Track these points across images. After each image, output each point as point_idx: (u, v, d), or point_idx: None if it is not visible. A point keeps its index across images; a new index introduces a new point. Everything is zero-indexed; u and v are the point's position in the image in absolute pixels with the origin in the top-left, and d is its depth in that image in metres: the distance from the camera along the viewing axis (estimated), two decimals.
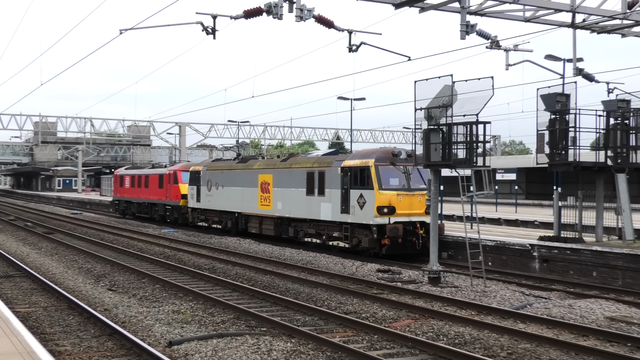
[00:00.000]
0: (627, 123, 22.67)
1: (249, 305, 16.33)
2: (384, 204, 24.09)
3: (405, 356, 12.00)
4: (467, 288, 18.88)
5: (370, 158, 25.18)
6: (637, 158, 22.84)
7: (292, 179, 29.55)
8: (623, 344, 12.95)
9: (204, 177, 38.26)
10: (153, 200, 46.01)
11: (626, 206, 23.00)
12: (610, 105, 22.62)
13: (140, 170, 51.68)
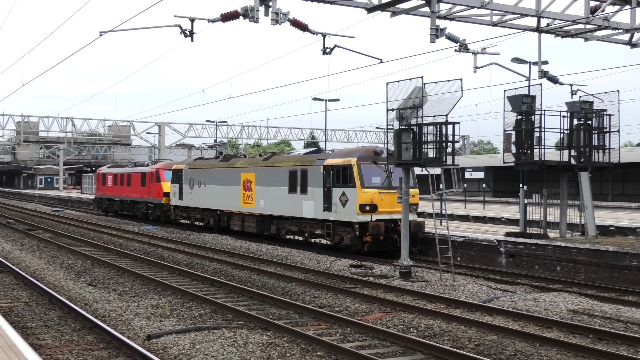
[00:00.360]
0: (589, 124, 22.88)
1: (226, 300, 16.27)
2: (366, 201, 23.71)
3: (377, 348, 12.01)
4: (436, 282, 18.95)
5: (353, 157, 24.69)
6: (599, 157, 23.07)
7: (274, 177, 28.91)
8: (585, 336, 13.06)
9: (186, 175, 37.33)
10: (135, 198, 45.05)
11: (589, 203, 23.25)
12: (574, 106, 22.81)
13: (122, 168, 50.83)
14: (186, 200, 37.28)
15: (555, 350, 11.90)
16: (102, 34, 17.83)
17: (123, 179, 46.88)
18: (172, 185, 38.88)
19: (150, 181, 42.21)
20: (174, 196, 38.56)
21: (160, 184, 40.78)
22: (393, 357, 11.35)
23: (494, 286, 18.59)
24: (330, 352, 11.56)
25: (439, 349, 11.63)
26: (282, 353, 11.37)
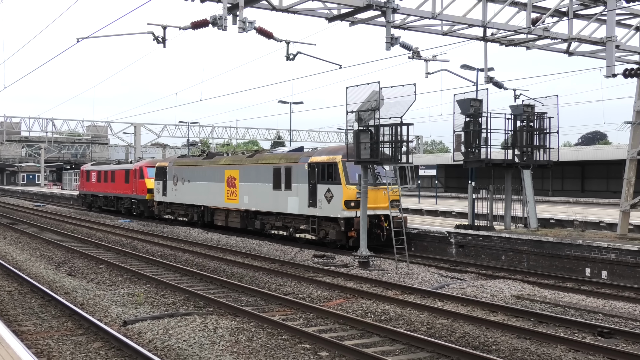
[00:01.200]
0: (531, 125, 23.21)
1: (198, 288, 16.18)
2: (351, 198, 22.45)
3: (337, 332, 12.04)
4: (392, 271, 19.05)
5: (338, 154, 23.36)
6: (540, 156, 23.42)
7: (258, 174, 27.64)
8: (527, 319, 13.24)
9: (170, 172, 35.93)
10: (119, 194, 43.54)
11: (530, 198, 23.60)
12: (517, 109, 23.10)
13: (106, 166, 49.38)
14: (170, 197, 35.90)
15: (499, 332, 12.05)
16: (79, 40, 17.56)
17: (107, 175, 45.43)
18: (156, 182, 37.54)
19: (134, 178, 40.82)
20: (158, 192, 37.31)
21: (144, 180, 39.44)
22: (352, 340, 11.36)
23: (445, 274, 18.76)
24: (294, 335, 11.56)
25: (394, 332, 11.71)
26: (250, 337, 11.34)
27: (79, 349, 10.57)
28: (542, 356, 10.48)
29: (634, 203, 21.97)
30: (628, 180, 21.93)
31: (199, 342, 10.88)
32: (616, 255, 18.70)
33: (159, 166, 37.50)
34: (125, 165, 44.22)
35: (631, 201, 21.88)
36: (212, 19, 13.90)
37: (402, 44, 16.44)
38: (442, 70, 20.76)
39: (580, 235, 21.58)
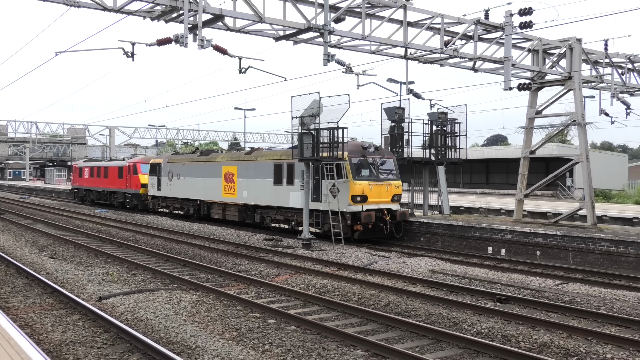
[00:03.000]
0: (445, 129, 23.65)
1: (164, 267, 15.97)
2: (358, 193, 20.54)
3: (284, 302, 12.07)
4: (330, 251, 19.16)
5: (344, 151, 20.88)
6: (452, 155, 23.90)
7: (258, 170, 24.89)
8: (440, 289, 13.54)
9: (164, 168, 32.74)
10: (113, 189, 40.25)
11: (444, 189, 24.10)
12: (433, 116, 23.51)
13: (98, 162, 46.25)
14: (165, 191, 32.88)
15: (418, 300, 12.29)
16: (57, 53, 17.04)
17: (100, 171, 42.18)
18: (150, 177, 34.40)
19: (127, 173, 37.77)
20: (152, 187, 34.18)
21: (138, 176, 36.44)
22: (296, 309, 11.42)
23: (374, 253, 18.97)
24: (247, 306, 11.55)
25: (331, 302, 11.82)
26: (209, 308, 11.28)
27: (59, 321, 10.33)
28: (452, 319, 10.74)
29: (527, 193, 22.69)
30: (522, 175, 22.62)
31: (164, 314, 10.77)
32: (512, 236, 19.27)
33: (154, 163, 34.50)
34: (118, 162, 41.64)
35: (524, 192, 22.58)
36: (175, 37, 13.72)
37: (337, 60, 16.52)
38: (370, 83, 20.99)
39: (484, 220, 22.17)
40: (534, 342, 9.39)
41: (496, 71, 20.51)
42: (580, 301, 12.21)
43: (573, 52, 20.94)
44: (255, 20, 15.11)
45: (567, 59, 21.07)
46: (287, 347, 8.93)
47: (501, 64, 19.41)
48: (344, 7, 16.47)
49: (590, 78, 22.26)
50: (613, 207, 31.31)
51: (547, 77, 21.66)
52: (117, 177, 39.31)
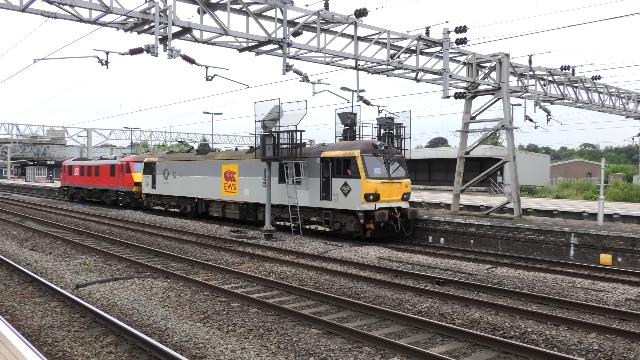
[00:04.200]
0: (391, 132, 23.83)
1: (138, 257, 15.69)
2: (371, 191, 18.53)
3: (247, 288, 12.05)
4: (290, 241, 19.17)
5: (356, 149, 19.04)
6: None
7: (261, 169, 22.40)
8: (387, 274, 13.73)
9: (159, 167, 29.98)
10: (104, 187, 37.14)
11: None
12: (381, 120, 23.65)
13: (89, 161, 43.25)
14: (160, 189, 30.02)
15: (367, 284, 12.44)
16: (35, 60, 16.52)
17: (90, 170, 39.06)
18: (145, 175, 31.52)
19: (120, 172, 34.94)
20: (147, 185, 31.26)
21: (131, 174, 33.66)
22: (258, 293, 11.42)
23: (329, 242, 19.06)
24: (213, 291, 11.48)
25: (290, 287, 11.86)
26: (178, 294, 11.17)
27: (39, 308, 10.06)
28: (396, 300, 10.92)
29: (463, 189, 23.18)
30: (459, 173, 23.08)
31: (137, 299, 10.62)
32: (450, 227, 19.66)
33: (148, 161, 31.66)
34: (110, 161, 38.28)
35: (460, 188, 23.06)
36: (146, 47, 13.49)
37: (295, 70, 16.52)
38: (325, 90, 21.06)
39: (426, 212, 22.50)
40: (466, 319, 9.63)
41: (436, 81, 20.82)
42: (507, 283, 12.57)
43: (502, 66, 21.48)
44: (221, 33, 14.99)
45: (497, 72, 21.59)
46: (249, 327, 8.93)
47: (440, 75, 19.73)
48: (301, 23, 16.49)
49: (517, 88, 22.87)
50: (537, 201, 32.27)
51: (480, 87, 22.11)
52: (109, 176, 36.89)
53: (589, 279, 13.21)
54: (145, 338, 7.85)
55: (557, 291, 11.67)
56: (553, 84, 24.18)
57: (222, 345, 7.93)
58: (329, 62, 18.00)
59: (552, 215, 24.59)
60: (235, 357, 7.49)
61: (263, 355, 7.60)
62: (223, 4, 15.03)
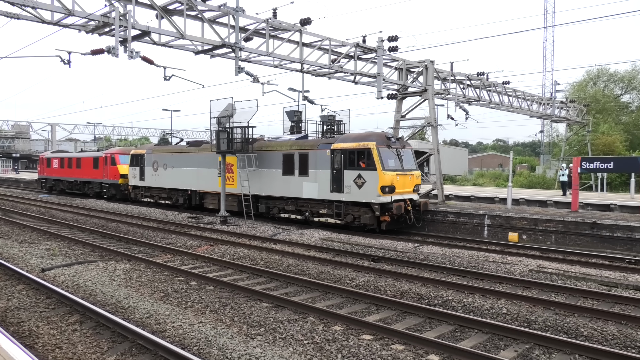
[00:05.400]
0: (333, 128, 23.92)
1: (101, 242, 15.11)
2: (387, 183, 16.63)
3: (204, 268, 11.85)
4: (243, 226, 18.98)
5: (370, 141, 17.02)
6: None
7: (262, 161, 20.47)
8: (329, 253, 13.81)
9: (148, 159, 26.98)
10: (87, 179, 33.75)
11: None
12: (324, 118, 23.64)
13: (69, 153, 38.84)
14: (149, 181, 26.96)
15: (311, 262, 12.48)
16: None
17: (71, 162, 35.59)
18: (132, 167, 28.42)
19: (104, 164, 31.84)
20: (134, 177, 28.20)
21: (117, 166, 30.68)
22: (214, 273, 11.25)
23: (278, 226, 19.00)
24: (172, 272, 11.23)
25: (243, 266, 11.75)
26: (140, 275, 10.85)
27: (5, 291, 9.52)
28: (337, 276, 11.02)
29: None
30: None
31: (101, 281, 10.24)
32: None
33: (135, 153, 28.51)
34: (91, 153, 34.74)
35: None
36: (107, 48, 12.91)
37: (247, 72, 16.28)
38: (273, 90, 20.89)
39: None
40: (397, 290, 9.85)
41: (371, 84, 21.05)
42: (432, 259, 12.91)
43: (428, 71, 21.96)
44: (178, 36, 14.55)
45: (424, 76, 22.06)
46: (206, 303, 8.80)
47: (375, 78, 19.96)
48: (252, 29, 16.24)
49: (440, 91, 23.45)
50: (457, 188, 33.34)
51: (409, 89, 22.52)
52: (92, 168, 33.37)
53: (499, 254, 13.79)
54: (108, 315, 7.60)
55: (473, 265, 12.10)
56: (470, 88, 24.95)
57: (181, 320, 7.78)
58: (277, 65, 17.84)
59: (470, 201, 25.47)
60: (193, 330, 7.37)
61: (218, 327, 7.51)
62: (180, 10, 14.58)
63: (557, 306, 8.74)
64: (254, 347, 6.72)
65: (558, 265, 12.11)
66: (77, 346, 6.82)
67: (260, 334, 7.30)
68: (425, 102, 22.17)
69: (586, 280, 10.60)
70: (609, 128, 41.50)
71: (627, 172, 24.01)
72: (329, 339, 7.08)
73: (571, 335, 7.48)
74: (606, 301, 9.22)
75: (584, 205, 19.86)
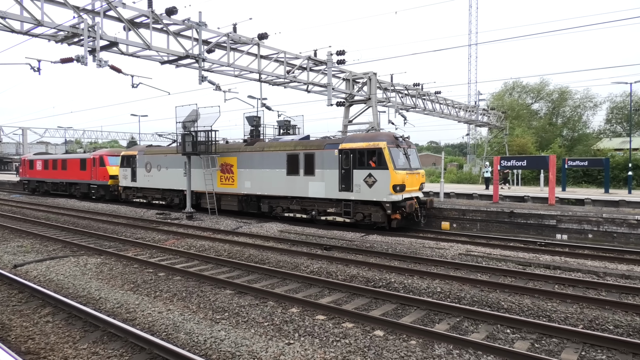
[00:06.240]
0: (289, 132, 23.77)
1: (73, 239, 14.34)
2: (399, 182, 15.39)
3: (171, 260, 11.50)
4: (208, 220, 18.57)
5: (381, 140, 15.70)
6: None
7: (265, 161, 18.59)
8: (286, 243, 13.73)
9: (140, 160, 24.56)
10: (73, 180, 30.77)
11: None
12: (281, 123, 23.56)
13: (52, 155, 35.24)
14: (142, 182, 24.53)
15: (270, 252, 12.36)
16: None
17: (56, 164, 32.40)
18: (122, 169, 25.87)
19: (92, 166, 29.10)
20: (125, 178, 25.67)
21: (106, 167, 28.07)
22: (181, 264, 10.94)
23: (240, 221, 18.74)
24: (142, 264, 10.83)
25: (207, 257, 11.49)
26: (111, 268, 10.40)
27: None
28: (294, 264, 10.97)
29: None
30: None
31: (72, 275, 9.73)
32: None
33: (126, 155, 25.94)
34: (77, 155, 31.58)
35: None
36: (76, 57, 12.25)
37: (209, 81, 15.90)
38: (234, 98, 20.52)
39: None
40: (347, 275, 9.92)
41: (322, 92, 21.10)
42: (377, 246, 13.05)
43: (371, 82, 22.24)
44: (144, 47, 14.00)
45: (368, 86, 22.32)
46: (174, 292, 8.54)
47: (325, 88, 20.02)
48: (214, 42, 15.89)
49: (382, 99, 23.82)
50: None
51: (356, 97, 22.73)
52: (79, 169, 30.48)
53: (434, 240, 14.16)
54: (79, 307, 7.23)
55: (412, 250, 12.34)
56: (408, 96, 25.49)
57: (150, 309, 7.51)
58: (238, 75, 17.56)
59: None
60: (161, 317, 7.13)
61: (185, 314, 7.30)
62: (146, 23, 14.04)
63: (482, 284, 9.07)
64: (218, 330, 6.58)
65: (483, 249, 12.57)
66: (50, 337, 6.45)
67: (225, 318, 7.16)
68: (370, 109, 22.45)
69: (505, 261, 11.06)
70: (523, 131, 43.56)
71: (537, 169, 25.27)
72: (287, 320, 7.04)
73: (494, 308, 7.77)
74: (522, 278, 9.66)
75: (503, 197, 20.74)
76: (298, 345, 6.06)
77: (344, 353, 5.82)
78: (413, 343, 6.22)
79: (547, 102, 51.58)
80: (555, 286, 9.07)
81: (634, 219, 14.40)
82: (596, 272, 9.93)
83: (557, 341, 6.40)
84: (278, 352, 5.81)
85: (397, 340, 6.29)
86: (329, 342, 6.20)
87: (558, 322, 7.10)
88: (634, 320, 7.08)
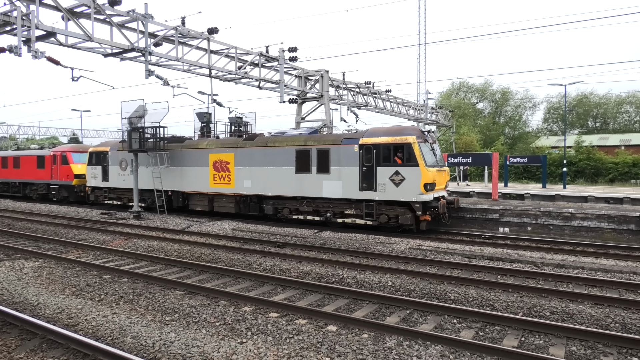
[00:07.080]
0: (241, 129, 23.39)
1: (7, 242, 13.44)
2: (430, 180, 14.04)
3: (118, 261, 11.04)
4: (157, 220, 17.99)
5: (410, 135, 14.22)
6: None
7: (268, 158, 16.96)
8: (238, 241, 13.56)
9: (113, 157, 21.95)
10: (29, 180, 27.50)
11: None
12: (233, 119, 23.14)
13: (2, 152, 30.72)
14: (115, 182, 21.96)
15: (222, 251, 12.17)
16: None
17: (6, 162, 28.98)
18: (91, 167, 22.96)
19: (52, 163, 25.97)
20: (94, 178, 22.83)
21: (69, 166, 25.09)
22: (128, 265, 10.53)
23: (191, 219, 18.31)
24: (85, 267, 10.32)
25: (157, 258, 11.14)
26: (50, 272, 9.83)
27: None
28: (247, 262, 10.86)
29: None
30: None
31: (7, 280, 9.11)
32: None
33: (95, 151, 22.93)
34: (35, 152, 27.82)
35: None
36: (8, 47, 11.42)
37: (157, 75, 15.33)
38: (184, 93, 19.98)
39: None
40: (300, 272, 9.94)
41: (274, 89, 20.92)
42: (329, 243, 13.18)
43: (323, 79, 22.34)
44: (85, 39, 13.28)
45: (320, 84, 22.41)
46: (120, 295, 8.21)
47: (277, 84, 19.87)
48: (161, 36, 15.34)
49: (335, 97, 23.99)
50: None
51: (308, 95, 22.73)
52: (36, 168, 27.16)
53: (385, 235, 14.46)
54: (14, 313, 6.77)
55: (364, 246, 12.56)
56: (360, 94, 25.84)
57: (94, 313, 7.17)
58: (187, 70, 17.07)
59: None
60: (106, 321, 6.82)
61: (133, 317, 7.03)
62: (87, 13, 13.32)
63: (431, 277, 9.38)
64: (168, 332, 6.39)
65: (431, 243, 12.99)
66: None
67: (175, 319, 6.96)
68: (322, 107, 22.54)
69: (452, 254, 11.49)
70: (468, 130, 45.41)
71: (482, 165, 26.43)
72: (240, 319, 6.95)
73: (442, 300, 8.06)
74: (467, 270, 10.08)
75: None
76: (251, 343, 6.00)
77: (297, 349, 5.83)
78: (365, 336, 6.32)
79: (490, 101, 54.09)
80: (498, 277, 9.53)
81: (568, 212, 15.41)
82: (534, 262, 10.54)
83: (499, 329, 6.73)
84: (230, 351, 5.72)
85: (350, 335, 6.38)
86: (282, 339, 6.19)
87: (500, 311, 7.47)
88: (567, 307, 7.57)
